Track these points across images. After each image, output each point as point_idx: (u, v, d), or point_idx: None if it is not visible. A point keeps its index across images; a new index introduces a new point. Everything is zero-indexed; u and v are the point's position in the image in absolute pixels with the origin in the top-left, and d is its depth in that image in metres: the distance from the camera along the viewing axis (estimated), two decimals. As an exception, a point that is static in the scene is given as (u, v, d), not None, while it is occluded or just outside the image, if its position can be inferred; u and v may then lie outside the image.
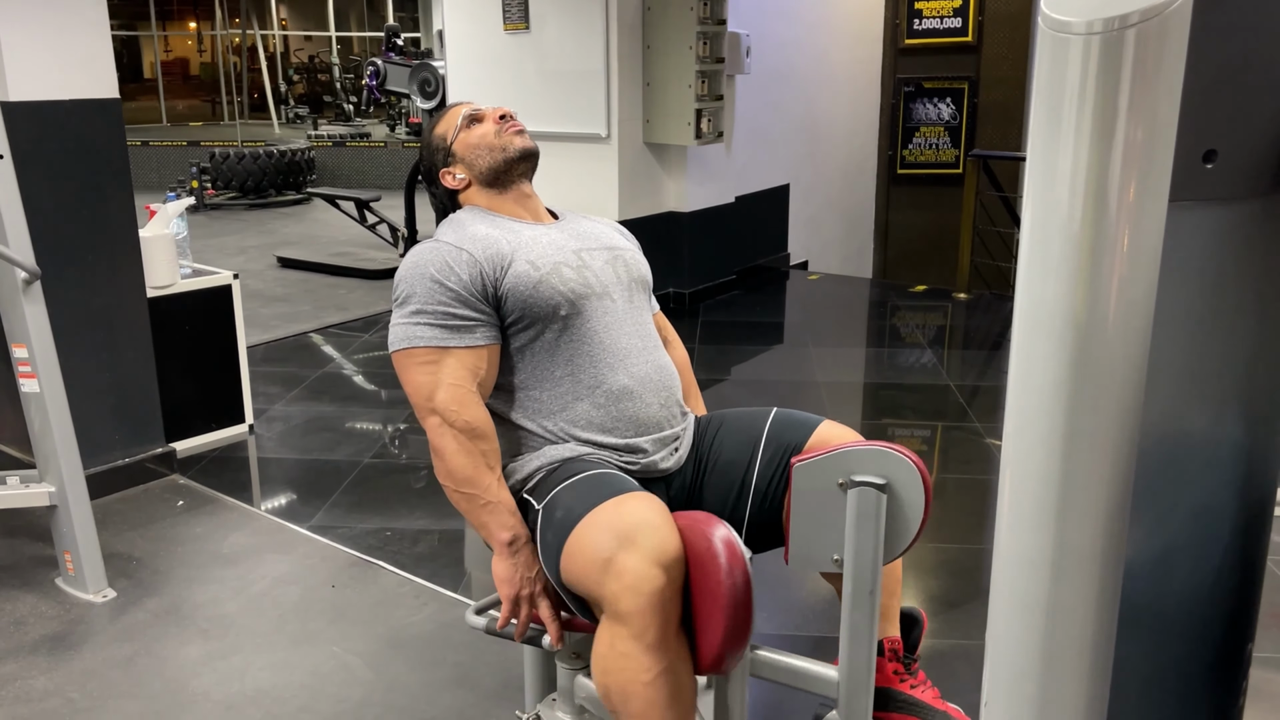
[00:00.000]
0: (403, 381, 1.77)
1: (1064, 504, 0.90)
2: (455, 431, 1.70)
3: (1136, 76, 0.80)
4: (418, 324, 1.74)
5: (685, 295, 6.14)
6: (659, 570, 1.48)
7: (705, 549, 1.53)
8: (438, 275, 1.75)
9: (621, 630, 1.50)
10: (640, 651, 1.49)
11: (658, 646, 1.50)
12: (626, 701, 1.52)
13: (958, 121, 8.12)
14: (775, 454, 1.79)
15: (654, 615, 1.48)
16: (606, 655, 1.53)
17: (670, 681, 1.51)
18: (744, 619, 1.53)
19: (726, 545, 1.53)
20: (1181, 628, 1.04)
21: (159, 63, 19.99)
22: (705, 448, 1.87)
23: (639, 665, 1.50)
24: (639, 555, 1.48)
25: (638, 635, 1.49)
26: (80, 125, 3.35)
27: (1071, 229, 0.85)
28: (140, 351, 3.62)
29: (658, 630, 1.49)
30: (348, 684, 2.47)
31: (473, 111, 1.95)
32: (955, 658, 2.55)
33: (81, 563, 2.86)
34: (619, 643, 1.51)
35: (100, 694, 2.44)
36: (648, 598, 1.48)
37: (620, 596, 1.49)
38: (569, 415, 1.78)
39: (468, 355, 1.74)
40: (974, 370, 5.04)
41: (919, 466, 1.57)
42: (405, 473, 3.80)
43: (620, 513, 1.55)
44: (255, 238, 9.05)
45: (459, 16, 6.12)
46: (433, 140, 1.98)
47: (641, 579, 1.48)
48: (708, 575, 1.52)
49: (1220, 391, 0.98)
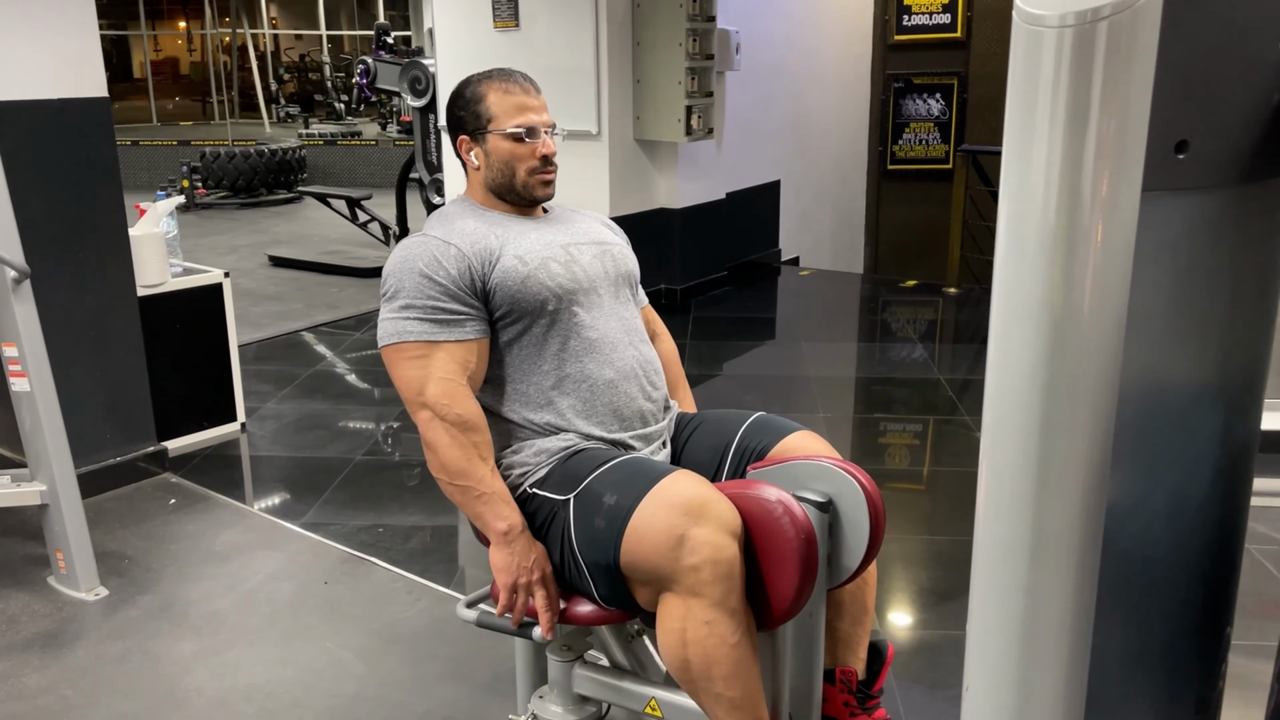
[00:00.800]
0: (393, 376, 1.77)
1: (1041, 490, 0.91)
2: (447, 425, 1.71)
3: (1109, 68, 0.82)
4: (407, 318, 1.75)
5: (677, 291, 6.15)
6: (732, 539, 1.54)
7: (766, 511, 1.58)
8: (426, 270, 1.76)
9: (700, 601, 1.55)
10: (725, 617, 1.54)
11: (740, 609, 1.56)
12: (711, 667, 1.56)
13: (947, 117, 8.15)
14: (741, 458, 1.81)
15: (733, 581, 1.54)
16: (685, 628, 1.56)
17: (750, 642, 1.58)
18: (813, 568, 1.58)
19: (783, 504, 1.57)
20: (1160, 612, 1.06)
21: (149, 62, 19.93)
22: (679, 445, 1.88)
23: (726, 629, 1.54)
24: (711, 527, 1.53)
25: (720, 603, 1.54)
26: (69, 124, 3.35)
27: (1047, 219, 0.86)
28: (131, 350, 3.62)
29: (738, 596, 1.55)
30: (341, 679, 2.48)
31: (530, 127, 1.88)
32: (944, 649, 2.57)
33: (73, 561, 2.87)
34: (699, 612, 1.55)
35: (93, 691, 2.45)
36: (727, 566, 1.53)
37: (701, 569, 1.53)
38: (556, 408, 1.79)
39: (457, 349, 1.75)
40: (964, 364, 5.06)
41: (868, 488, 1.58)
42: (397, 469, 3.80)
43: (679, 490, 1.59)
44: (246, 236, 9.04)
45: (449, 14, 6.12)
46: (478, 106, 1.89)
47: (719, 549, 1.53)
48: (774, 533, 1.57)
49: (1195, 379, 1.00)
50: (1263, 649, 2.35)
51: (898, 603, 2.86)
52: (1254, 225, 0.99)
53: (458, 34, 6.09)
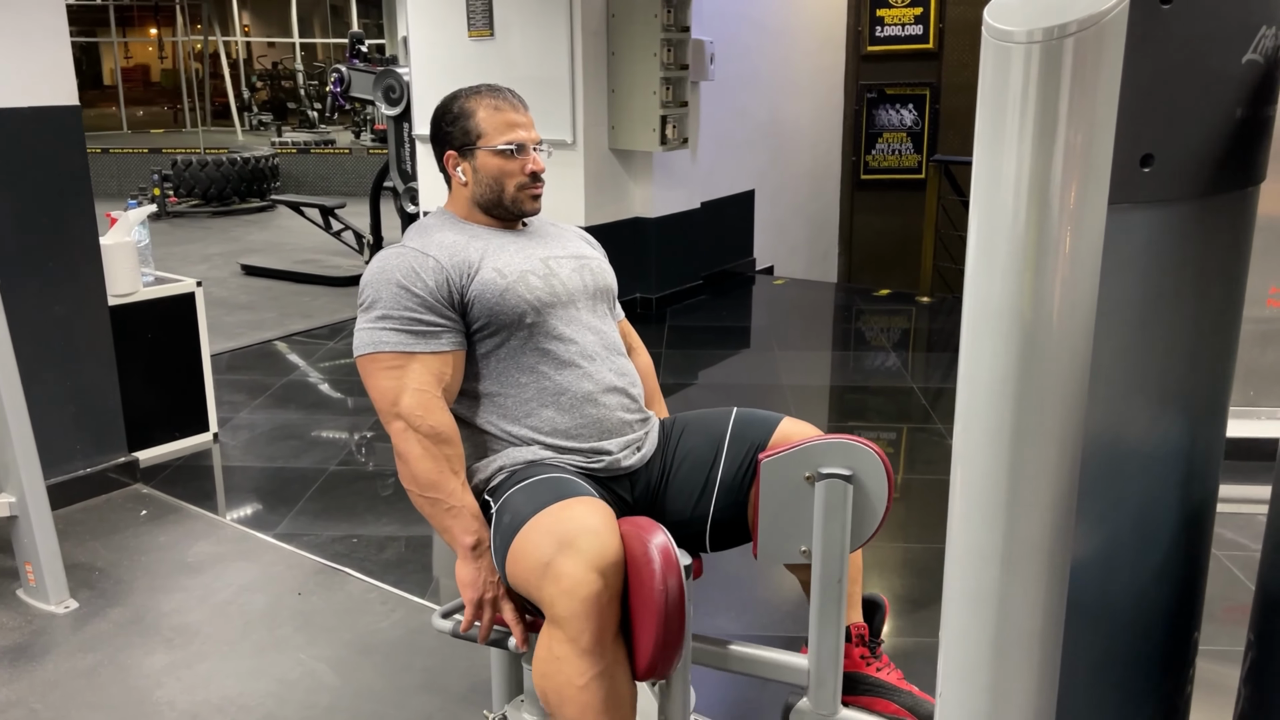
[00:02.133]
0: (367, 387, 1.77)
1: (1012, 497, 0.92)
2: (419, 436, 1.71)
3: (1076, 83, 0.84)
4: (383, 329, 1.75)
5: (652, 300, 6.16)
6: (596, 575, 1.50)
7: (641, 555, 1.55)
8: (404, 281, 1.76)
9: (558, 634, 1.52)
10: (575, 655, 1.51)
11: (593, 651, 1.51)
12: (562, 705, 1.54)
13: (920, 127, 8.21)
14: (740, 452, 1.82)
15: (589, 620, 1.49)
16: (544, 659, 1.55)
17: (605, 686, 1.53)
18: (677, 626, 1.55)
19: (661, 552, 1.54)
20: (1128, 617, 1.07)
21: (119, 69, 19.76)
22: (670, 449, 1.89)
23: (574, 669, 1.51)
24: (577, 560, 1.50)
25: (573, 639, 1.50)
26: (40, 132, 3.32)
27: (1016, 231, 0.88)
28: (102, 360, 3.58)
29: (593, 635, 1.50)
30: (314, 690, 2.47)
31: (520, 144, 1.88)
32: (918, 655, 2.58)
33: (43, 573, 2.83)
34: (555, 646, 1.52)
35: (63, 705, 2.42)
36: (583, 602, 1.49)
37: (557, 600, 1.50)
38: (533, 420, 1.80)
39: (433, 360, 1.75)
40: (937, 373, 5.10)
41: (882, 457, 1.61)
42: (371, 479, 3.78)
43: (562, 517, 1.57)
44: (219, 245, 8.97)
45: (423, 23, 6.11)
46: (467, 122, 1.88)
47: (578, 583, 1.49)
48: (642, 582, 1.54)
49: (1161, 389, 1.01)
50: (1232, 654, 2.38)
51: (872, 610, 2.87)
52: (1218, 237, 1.01)
53: (432, 43, 6.08)
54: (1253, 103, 0.96)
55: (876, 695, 1.76)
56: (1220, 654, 2.27)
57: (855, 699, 1.75)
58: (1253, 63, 0.94)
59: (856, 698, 1.76)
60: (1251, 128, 0.97)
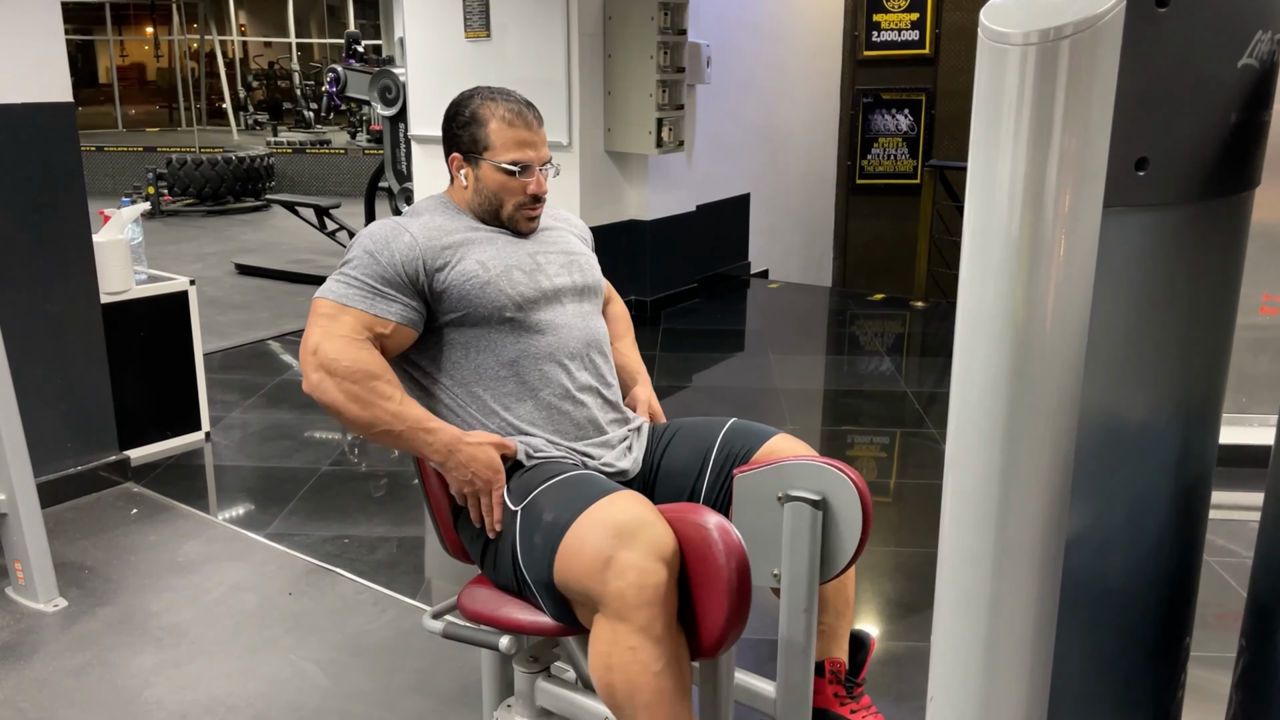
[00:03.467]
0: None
1: (1004, 501, 0.92)
2: (338, 380, 1.66)
3: (1071, 86, 0.83)
4: (336, 281, 1.77)
5: (646, 303, 6.16)
6: (660, 564, 1.51)
7: (701, 538, 1.55)
8: (372, 248, 1.77)
9: (625, 626, 1.52)
10: (649, 644, 1.51)
11: (664, 638, 1.52)
12: (634, 694, 1.53)
13: (915, 133, 8.23)
14: (724, 464, 1.81)
15: (659, 608, 1.51)
16: (610, 652, 1.54)
17: (676, 671, 1.54)
18: (744, 601, 1.55)
19: (721, 531, 1.54)
20: (1119, 622, 1.07)
21: (115, 68, 19.72)
22: (658, 454, 1.88)
23: (649, 657, 1.51)
24: (640, 551, 1.51)
25: (644, 629, 1.51)
26: (32, 129, 3.30)
27: (1010, 234, 0.87)
28: (93, 358, 3.57)
29: (664, 622, 1.52)
30: (304, 691, 2.45)
31: (526, 164, 1.87)
32: (909, 661, 2.58)
33: (32, 572, 2.82)
34: (624, 638, 1.52)
35: (51, 704, 2.40)
36: (653, 591, 1.50)
37: (626, 592, 1.51)
38: (513, 414, 1.79)
39: (369, 319, 1.73)
40: (931, 377, 5.10)
41: (858, 484, 1.57)
42: (364, 480, 3.77)
43: (613, 511, 1.57)
44: (213, 244, 8.95)
45: (420, 24, 6.10)
46: (478, 130, 1.87)
47: (646, 574, 1.50)
48: (707, 562, 1.54)
49: (1154, 392, 1.01)
50: (1223, 661, 2.38)
51: (864, 615, 2.87)
52: (1212, 241, 1.01)
53: (429, 44, 6.08)
54: (1248, 107, 0.96)
55: None
56: (1213, 660, 2.27)
57: None
58: (1248, 67, 0.94)
59: None
60: (1246, 132, 0.97)
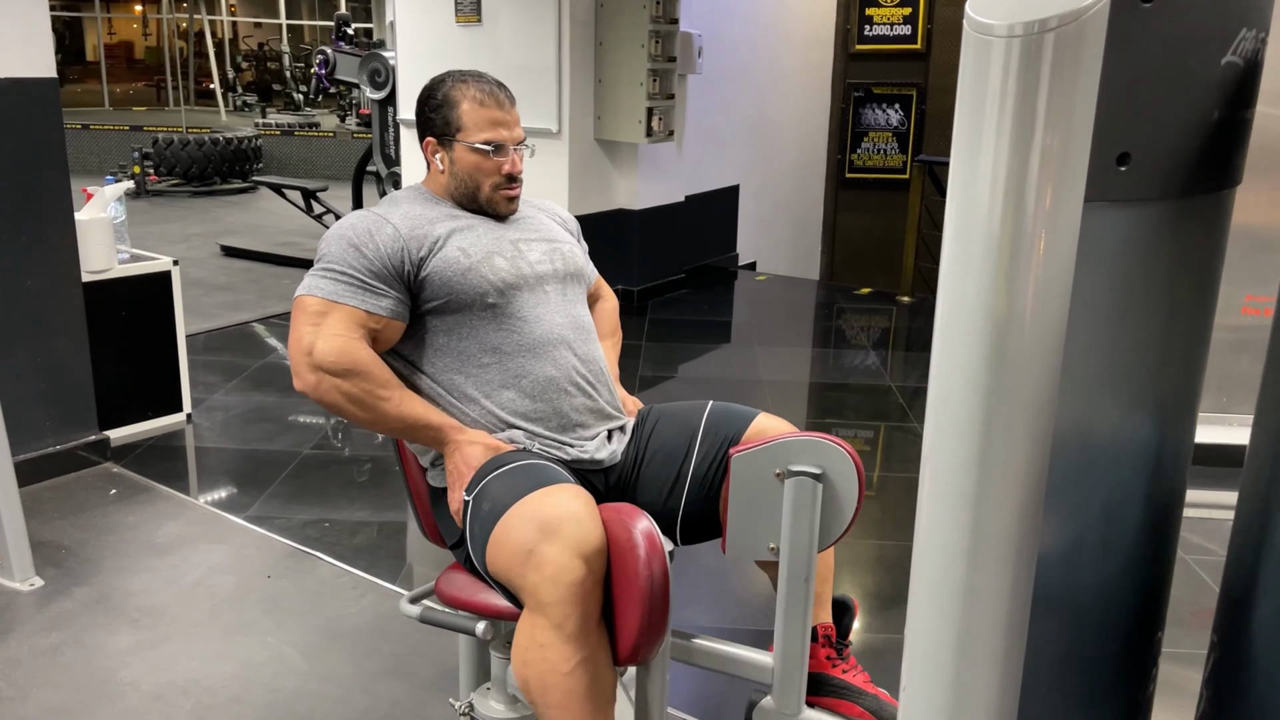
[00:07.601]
0: (289, 336, 1.73)
1: (980, 494, 0.92)
2: (338, 381, 1.67)
3: (1054, 79, 0.83)
4: (321, 277, 1.74)
5: (634, 293, 6.15)
6: (580, 561, 1.49)
7: (625, 540, 1.54)
8: (355, 240, 1.75)
9: (541, 621, 1.51)
10: (560, 641, 1.50)
11: (577, 637, 1.50)
12: (545, 692, 1.53)
13: (906, 127, 8.23)
14: (712, 445, 1.81)
15: (574, 606, 1.49)
16: (526, 646, 1.53)
17: (589, 672, 1.52)
18: (661, 611, 1.55)
19: (646, 537, 1.54)
20: (1092, 615, 1.07)
21: (102, 45, 19.54)
22: (643, 440, 1.88)
23: (558, 655, 1.50)
24: (560, 546, 1.49)
25: (557, 625, 1.49)
26: (14, 104, 3.27)
27: (991, 228, 0.87)
28: (74, 337, 3.54)
29: (577, 621, 1.50)
30: (281, 674, 2.45)
31: (499, 144, 1.85)
32: (888, 652, 2.59)
33: (8, 551, 2.80)
34: (538, 633, 1.51)
35: (25, 684, 2.39)
36: (567, 588, 1.48)
37: (541, 587, 1.49)
38: (495, 401, 1.78)
39: (360, 314, 1.72)
40: (916, 372, 5.11)
41: (853, 456, 1.60)
42: (345, 464, 3.76)
43: (544, 504, 1.56)
44: (199, 225, 8.89)
45: (411, 7, 6.07)
46: (450, 112, 1.85)
47: (562, 570, 1.48)
48: (626, 566, 1.54)
49: (1132, 388, 1.02)
50: (1197, 658, 2.40)
51: (843, 606, 2.88)
52: (1192, 239, 1.01)
53: (419, 27, 6.04)
54: (1231, 105, 0.96)
55: (841, 697, 1.76)
56: (1185, 657, 2.28)
57: (819, 700, 1.75)
58: (1232, 64, 0.94)
59: (821, 699, 1.75)
60: (1229, 130, 0.97)
